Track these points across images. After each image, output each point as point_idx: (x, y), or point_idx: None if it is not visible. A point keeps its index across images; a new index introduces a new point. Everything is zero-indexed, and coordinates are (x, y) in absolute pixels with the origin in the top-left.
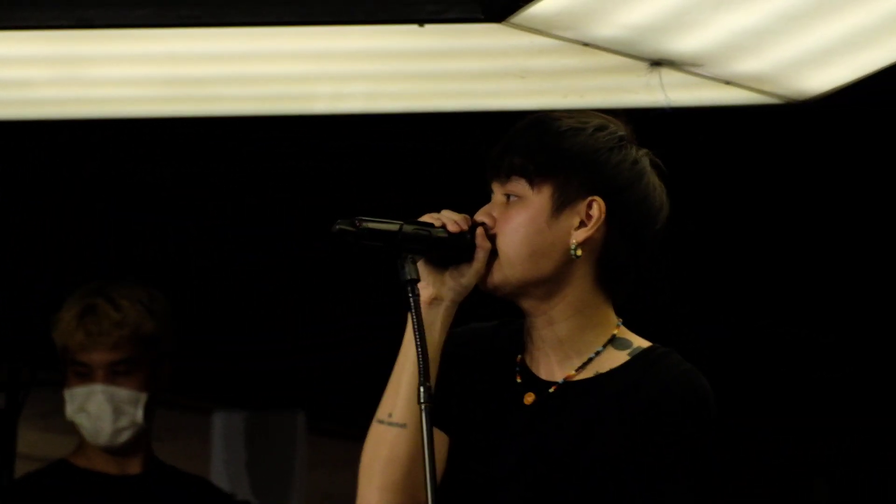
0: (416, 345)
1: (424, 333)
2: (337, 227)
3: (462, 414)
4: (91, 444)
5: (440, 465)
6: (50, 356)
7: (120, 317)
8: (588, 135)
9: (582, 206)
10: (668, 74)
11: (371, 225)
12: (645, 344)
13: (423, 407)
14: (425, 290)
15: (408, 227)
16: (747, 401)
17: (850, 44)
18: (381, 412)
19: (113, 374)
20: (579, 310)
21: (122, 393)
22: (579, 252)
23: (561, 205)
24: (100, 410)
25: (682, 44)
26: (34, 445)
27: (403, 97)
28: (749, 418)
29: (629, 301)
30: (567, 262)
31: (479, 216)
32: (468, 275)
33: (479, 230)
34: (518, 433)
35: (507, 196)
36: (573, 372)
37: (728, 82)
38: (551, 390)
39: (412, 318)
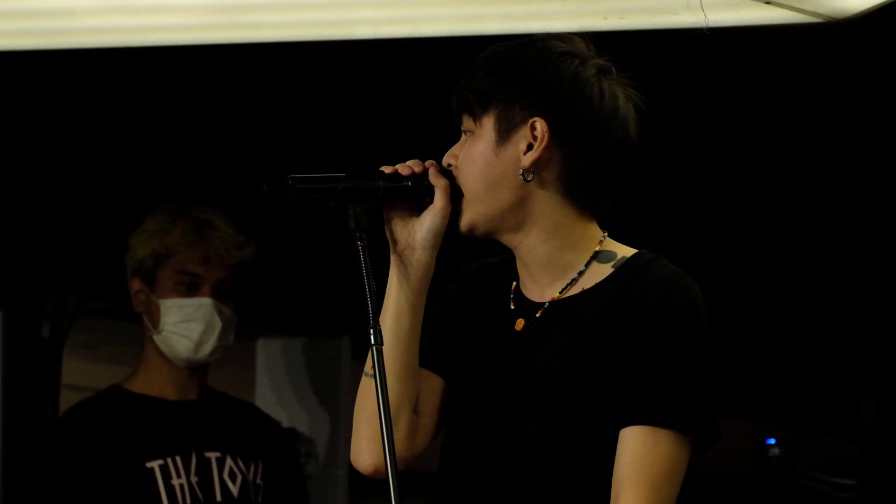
0: (367, 289)
1: (372, 279)
2: (265, 189)
3: (461, 351)
4: (181, 359)
5: (434, 409)
6: (98, 285)
7: (241, 239)
8: (523, 58)
9: (526, 130)
10: None
11: (304, 186)
12: (629, 252)
13: (374, 349)
14: (396, 241)
15: (346, 184)
16: (789, 319)
17: None
18: (367, 365)
19: (219, 291)
20: (554, 231)
21: (227, 311)
22: (529, 176)
23: (504, 132)
24: (211, 322)
25: None
26: (79, 375)
27: (445, 21)
28: (793, 337)
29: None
30: (525, 187)
31: (445, 158)
32: (432, 216)
33: (432, 169)
34: (508, 360)
35: (465, 134)
36: (558, 294)
37: (768, 2)
38: (538, 314)
39: (363, 265)
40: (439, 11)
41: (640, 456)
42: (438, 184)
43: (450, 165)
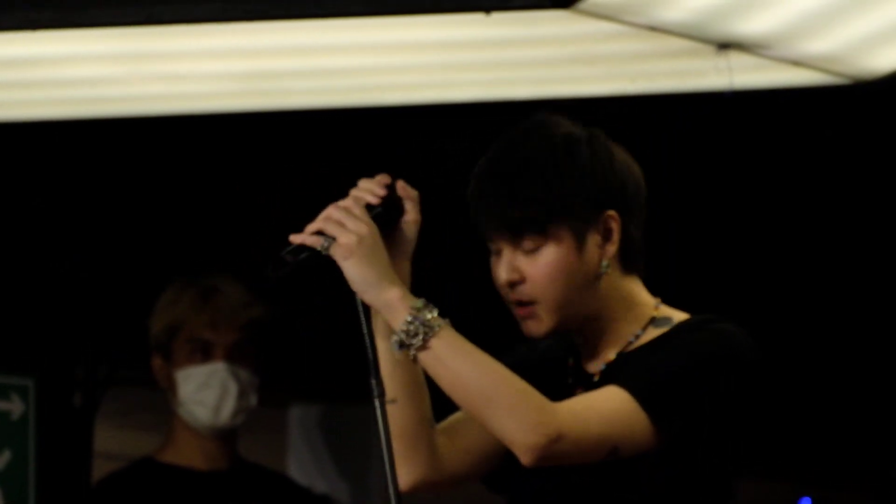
0: (367, 347)
1: (374, 335)
2: (271, 275)
3: None
4: (204, 426)
5: (477, 440)
6: (130, 353)
7: (248, 299)
8: (559, 157)
9: (599, 225)
10: (735, 57)
11: (295, 257)
12: (685, 316)
13: (376, 402)
14: None
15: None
16: (823, 375)
17: None
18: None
19: (233, 355)
20: (615, 302)
21: (244, 373)
22: (609, 268)
23: (582, 237)
24: (226, 386)
25: (750, 26)
26: (112, 443)
27: (473, 86)
28: (827, 394)
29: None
30: (599, 279)
31: (503, 274)
32: (407, 228)
33: (400, 182)
34: None
35: (523, 251)
36: (614, 357)
37: (796, 63)
38: (595, 379)
39: (363, 324)
40: (466, 77)
41: (589, 395)
42: (409, 195)
43: (515, 283)
